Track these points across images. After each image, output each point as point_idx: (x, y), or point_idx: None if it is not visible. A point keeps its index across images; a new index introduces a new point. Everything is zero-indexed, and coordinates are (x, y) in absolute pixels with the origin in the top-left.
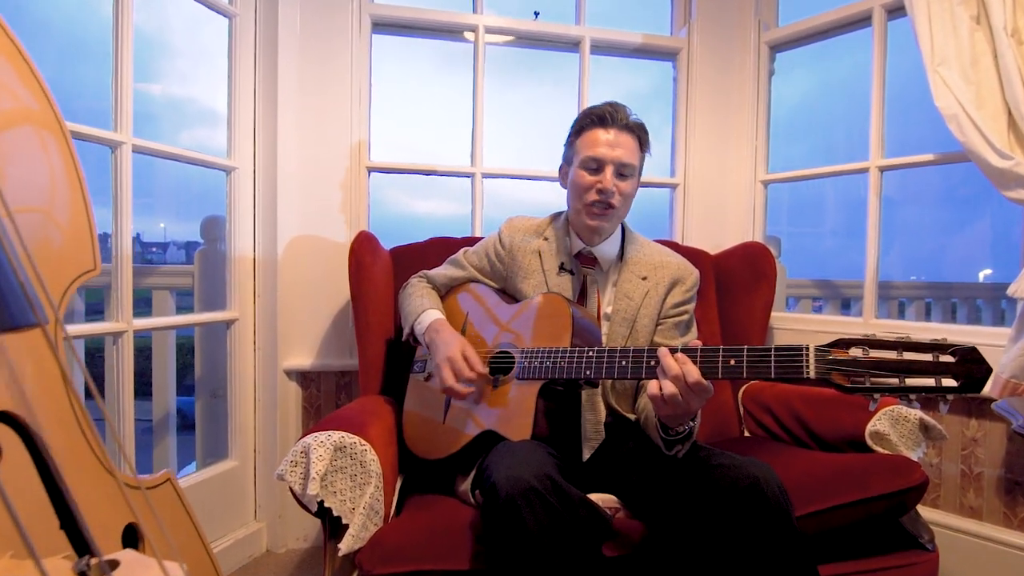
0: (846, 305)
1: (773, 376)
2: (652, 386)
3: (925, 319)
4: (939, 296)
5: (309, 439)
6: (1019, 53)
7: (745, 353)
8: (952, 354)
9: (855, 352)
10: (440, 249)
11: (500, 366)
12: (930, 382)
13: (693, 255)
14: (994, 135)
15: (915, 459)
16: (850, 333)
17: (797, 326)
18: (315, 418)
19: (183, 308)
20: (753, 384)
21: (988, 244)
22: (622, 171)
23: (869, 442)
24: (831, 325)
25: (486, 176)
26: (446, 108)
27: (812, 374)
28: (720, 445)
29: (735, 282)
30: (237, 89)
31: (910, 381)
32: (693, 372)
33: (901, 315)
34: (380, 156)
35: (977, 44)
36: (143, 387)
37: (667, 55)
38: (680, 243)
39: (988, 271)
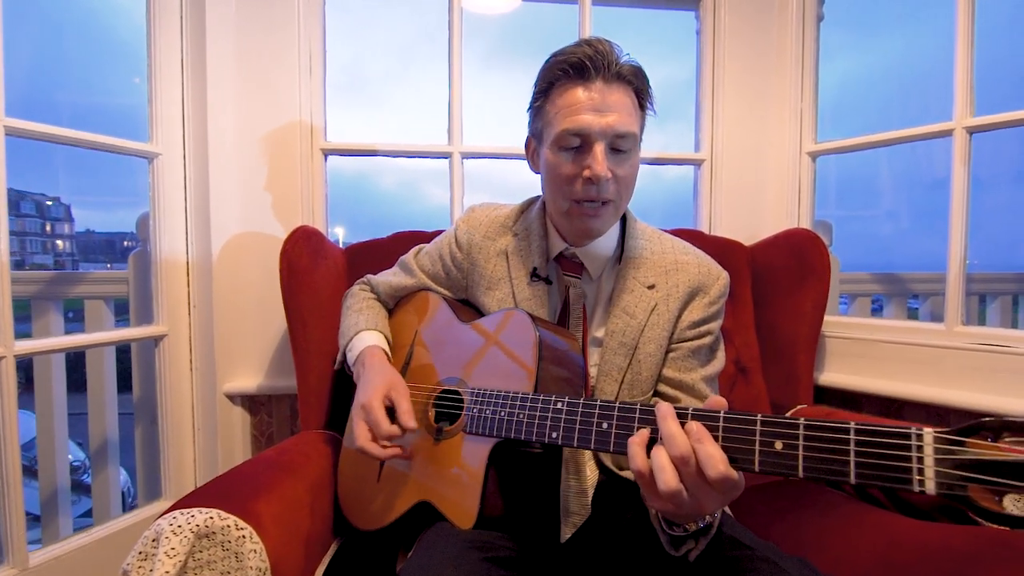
0: (912, 303)
1: (854, 481)
2: (638, 460)
3: (1013, 320)
4: None
5: (163, 522)
6: None
7: (802, 432)
8: None
9: (1015, 447)
10: (404, 245)
11: (447, 411)
12: None
13: (724, 248)
14: None
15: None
16: (937, 344)
17: (856, 333)
18: (266, 448)
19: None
20: (804, 408)
21: None
22: (618, 144)
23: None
24: (903, 333)
25: (466, 156)
26: (429, 87)
27: (930, 487)
28: (751, 492)
29: (777, 279)
30: (157, 57)
31: None
32: (714, 456)
33: (982, 315)
34: (341, 137)
35: None
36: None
37: (688, 3)
38: (707, 233)
39: None
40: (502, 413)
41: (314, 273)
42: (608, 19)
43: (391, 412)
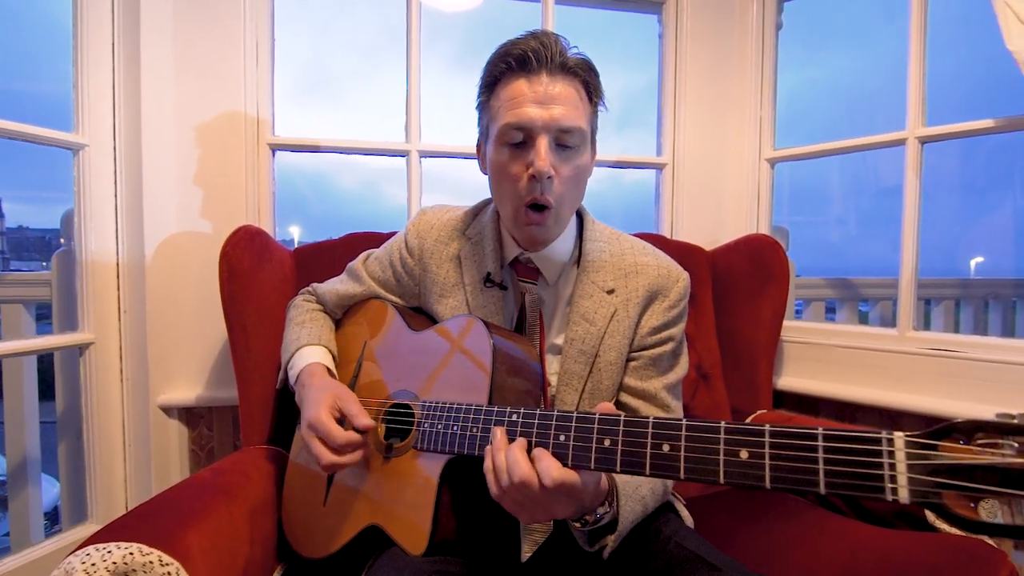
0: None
1: (823, 492)
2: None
3: (956, 323)
4: (968, 295)
5: (75, 560)
6: None
7: (767, 440)
8: None
9: (988, 449)
10: (358, 248)
11: (399, 427)
12: None
13: (685, 252)
14: None
15: (992, 541)
16: (890, 349)
17: (812, 338)
18: (207, 464)
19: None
20: (765, 414)
21: (989, 230)
22: (564, 140)
23: (930, 515)
24: (858, 338)
25: (425, 155)
26: (396, 87)
27: (903, 496)
28: (713, 499)
29: (737, 284)
30: (84, 39)
31: None
32: (548, 469)
33: (928, 318)
34: (290, 132)
35: None
36: None
37: (651, 6)
38: (669, 237)
39: (979, 259)
40: (454, 427)
41: (257, 276)
42: (572, 22)
43: (343, 424)
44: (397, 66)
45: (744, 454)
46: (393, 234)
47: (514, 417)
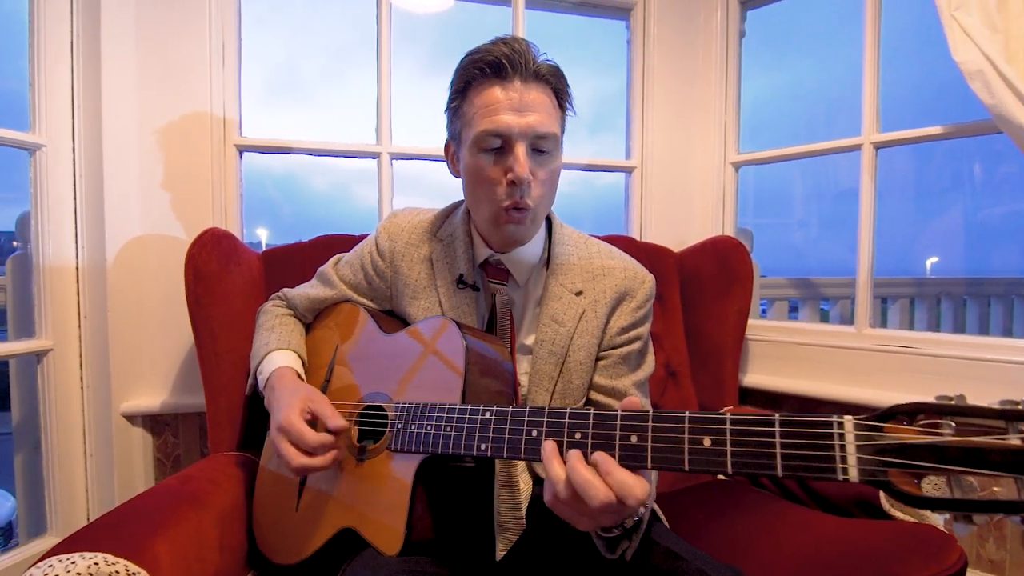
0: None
1: (780, 474)
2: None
3: (910, 319)
4: (922, 294)
5: (37, 572)
6: None
7: (728, 427)
8: None
9: (929, 429)
10: (328, 250)
11: (372, 429)
12: None
13: (654, 254)
14: None
15: (943, 527)
16: (849, 345)
17: (776, 336)
18: (172, 473)
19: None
20: (730, 409)
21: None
22: (539, 145)
23: (885, 504)
24: (819, 336)
25: (395, 157)
26: (368, 90)
27: (853, 475)
28: (683, 494)
29: (704, 285)
30: (41, 33)
31: None
32: (627, 482)
33: (884, 316)
34: (259, 133)
35: None
36: None
37: (619, 12)
38: (639, 239)
39: (934, 259)
40: (428, 427)
41: (225, 280)
42: (541, 26)
43: (314, 427)
44: (368, 68)
45: (707, 441)
46: (364, 236)
47: (487, 415)
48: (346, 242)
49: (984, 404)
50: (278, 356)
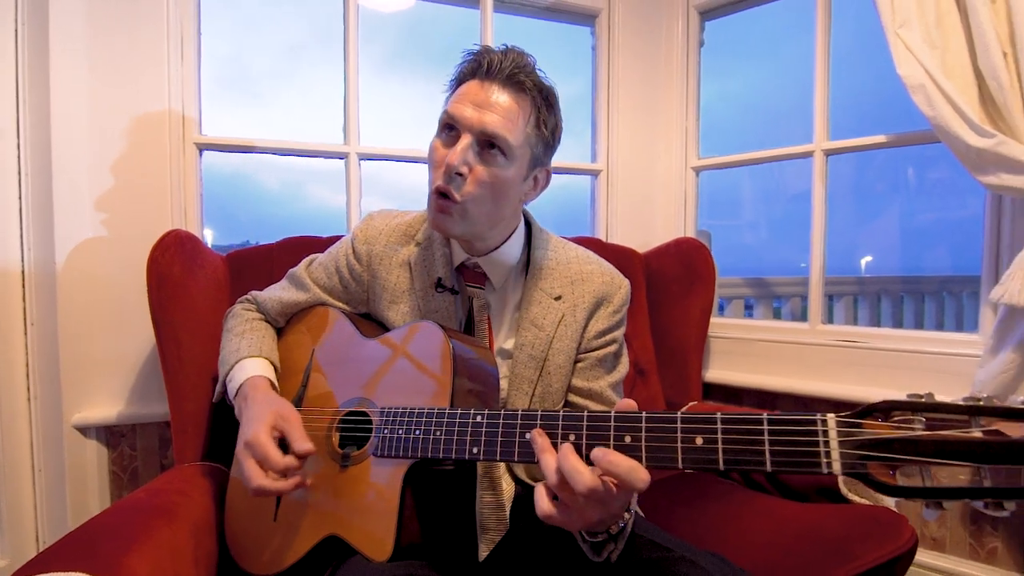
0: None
1: (769, 469)
2: (538, 488)
3: (854, 316)
4: (864, 291)
5: None
6: (994, 12)
7: (719, 427)
8: None
9: (903, 424)
10: (297, 253)
11: (353, 434)
12: None
13: (621, 255)
14: (968, 109)
15: (894, 507)
16: (803, 341)
17: (735, 334)
18: (130, 487)
19: None
20: (694, 405)
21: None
22: (490, 142)
23: (843, 489)
24: (775, 332)
25: (364, 158)
26: (318, 89)
27: (836, 468)
28: (652, 487)
29: (669, 285)
30: None
31: (996, 479)
32: (636, 469)
33: (830, 313)
34: (222, 130)
35: (942, 1)
36: None
37: (585, 18)
38: (605, 240)
39: (868, 258)
40: (416, 431)
41: (189, 284)
42: (509, 28)
43: (284, 445)
44: (322, 66)
45: (699, 440)
46: (333, 238)
47: (478, 419)
48: (315, 244)
49: (949, 400)
50: (250, 364)
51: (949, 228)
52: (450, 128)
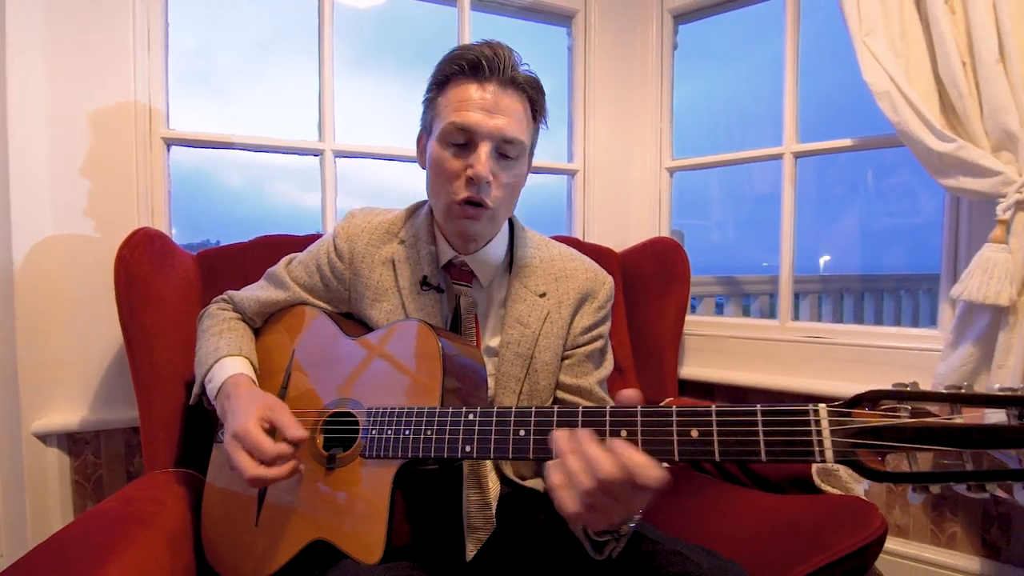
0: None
1: (764, 459)
2: (556, 477)
3: (818, 313)
4: (827, 289)
5: None
6: (954, 23)
7: (715, 419)
8: None
9: (890, 413)
10: (271, 252)
11: (339, 436)
12: (1013, 462)
13: (598, 254)
14: (930, 115)
15: (863, 496)
16: (773, 338)
17: (708, 331)
18: (94, 496)
19: None
20: (671, 401)
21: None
22: (505, 150)
23: (816, 480)
24: (746, 329)
25: (340, 155)
26: (284, 85)
27: (829, 456)
28: None
29: (645, 284)
30: None
31: (977, 463)
32: (646, 464)
33: (796, 310)
34: (189, 125)
35: (906, 12)
36: None
37: (561, 19)
38: (582, 239)
39: (827, 257)
40: (406, 432)
41: (160, 284)
42: (486, 27)
43: (273, 438)
44: (291, 62)
45: (695, 433)
46: (309, 237)
47: (471, 417)
48: (291, 243)
49: (931, 390)
50: (230, 363)
51: (905, 230)
52: (462, 137)
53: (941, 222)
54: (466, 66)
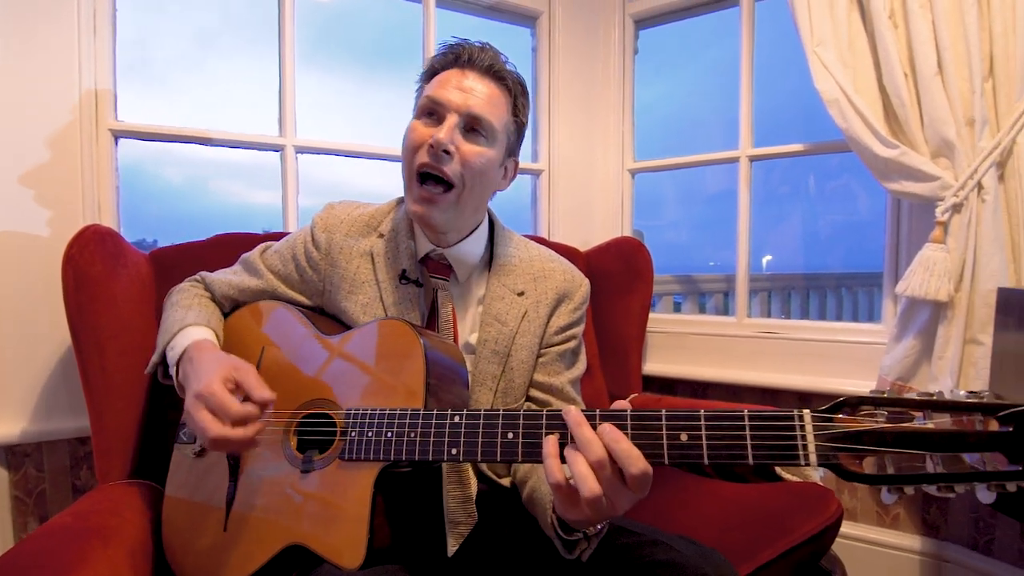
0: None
1: (752, 463)
2: (555, 472)
3: (768, 310)
4: (776, 287)
5: None
6: (897, 37)
7: (703, 423)
8: (1006, 419)
9: (868, 418)
10: (229, 251)
11: (314, 437)
12: (978, 466)
13: (565, 253)
14: (876, 122)
15: (819, 481)
16: (731, 334)
17: (669, 328)
18: (36, 512)
19: None
20: (636, 397)
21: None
22: (473, 125)
23: (777, 469)
24: (705, 326)
25: (301, 151)
26: (228, 79)
27: (812, 460)
28: None
29: (611, 283)
30: None
31: (947, 466)
32: (632, 453)
33: (749, 307)
34: (139, 116)
35: (853, 24)
36: None
37: (525, 19)
38: (547, 239)
39: (769, 257)
40: (388, 434)
41: (112, 285)
42: (451, 24)
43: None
44: (237, 55)
45: (684, 436)
46: (271, 235)
47: (456, 419)
48: (247, 241)
49: (907, 396)
50: (195, 331)
51: (845, 231)
52: (431, 112)
53: (883, 224)
54: (452, 56)
